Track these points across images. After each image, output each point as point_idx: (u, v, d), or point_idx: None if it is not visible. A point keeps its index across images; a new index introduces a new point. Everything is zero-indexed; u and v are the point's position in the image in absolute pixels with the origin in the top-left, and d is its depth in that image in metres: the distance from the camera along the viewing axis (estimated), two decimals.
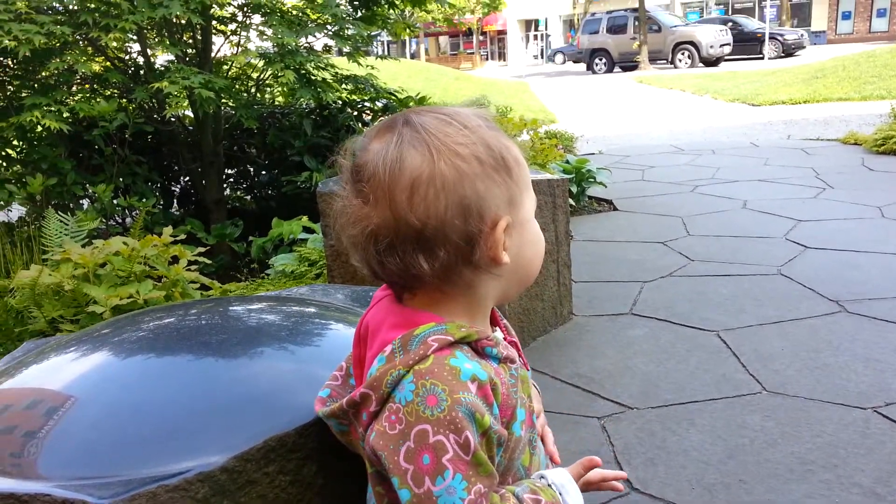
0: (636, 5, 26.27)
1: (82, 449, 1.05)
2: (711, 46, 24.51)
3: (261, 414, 1.10)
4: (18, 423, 1.13)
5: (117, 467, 0.98)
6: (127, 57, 5.15)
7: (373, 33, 6.22)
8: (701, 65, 24.45)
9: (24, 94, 4.24)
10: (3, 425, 1.15)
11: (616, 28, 27.20)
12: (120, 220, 4.80)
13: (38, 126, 4.02)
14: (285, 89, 5.36)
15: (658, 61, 25.86)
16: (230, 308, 1.58)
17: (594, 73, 27.25)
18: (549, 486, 0.92)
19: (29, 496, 0.93)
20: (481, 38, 51.72)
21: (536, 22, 48.88)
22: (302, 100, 5.11)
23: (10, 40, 3.66)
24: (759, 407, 2.40)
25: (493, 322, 0.99)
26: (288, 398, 1.13)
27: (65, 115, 3.97)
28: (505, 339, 0.98)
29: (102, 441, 1.06)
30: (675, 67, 24.87)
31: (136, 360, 1.31)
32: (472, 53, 49.03)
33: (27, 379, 1.28)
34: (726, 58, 24.65)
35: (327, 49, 5.54)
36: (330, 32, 5.09)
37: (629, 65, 26.40)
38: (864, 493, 1.93)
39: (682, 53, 25.18)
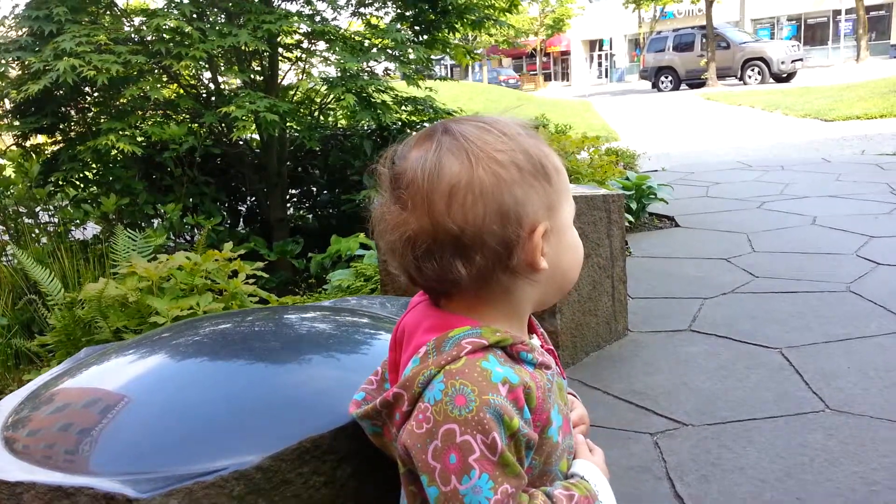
0: (703, 23, 25.82)
1: (128, 446, 1.10)
2: (783, 62, 23.84)
3: (298, 416, 1.12)
4: (74, 421, 1.19)
5: (159, 464, 1.02)
6: (198, 83, 5.37)
7: (434, 57, 6.32)
8: (772, 81, 23.81)
9: (101, 120, 4.48)
10: (62, 422, 1.21)
11: (683, 46, 26.78)
12: (189, 238, 4.99)
13: (113, 149, 4.24)
14: (347, 112, 5.50)
15: (727, 78, 25.31)
16: (283, 316, 1.63)
17: (660, 90, 26.86)
18: (582, 478, 0.92)
19: (74, 489, 0.98)
20: (544, 59, 51.75)
21: (601, 42, 48.63)
22: (362, 122, 5.22)
23: (90, 70, 3.88)
24: (821, 425, 2.31)
25: (531, 330, 1.00)
26: (326, 402, 1.16)
27: (138, 139, 4.18)
28: (542, 346, 0.98)
29: (148, 439, 1.10)
30: (745, 84, 24.29)
31: (188, 364, 1.36)
32: (535, 75, 49.07)
33: (87, 379, 1.35)
34: None
35: (388, 73, 5.66)
36: (391, 56, 5.20)
37: (696, 82, 25.93)
38: None
39: (752, 69, 24.58)
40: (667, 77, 27.10)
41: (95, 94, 4.79)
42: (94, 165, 4.65)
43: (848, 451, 2.14)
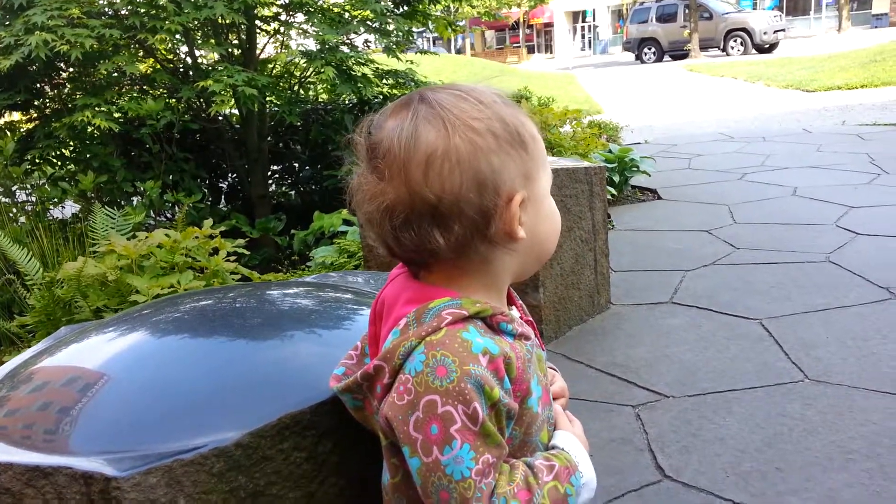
0: None
1: (107, 425, 1.09)
2: (765, 33, 23.83)
3: (278, 393, 1.12)
4: (53, 400, 1.18)
5: (138, 442, 1.02)
6: (174, 58, 5.28)
7: (415, 29, 6.24)
8: (754, 51, 23.82)
9: (76, 96, 4.40)
10: (41, 402, 1.20)
11: (665, 16, 26.68)
12: (170, 216, 4.94)
13: (90, 126, 4.16)
14: (327, 86, 5.43)
15: (709, 49, 25.28)
16: (265, 292, 1.61)
17: (643, 62, 26.78)
18: (563, 449, 0.93)
19: (52, 468, 0.97)
20: (527, 31, 51.37)
21: (584, 13, 48.29)
22: (343, 96, 5.16)
23: (62, 44, 3.79)
24: (800, 395, 2.34)
25: (510, 301, 1.00)
26: (307, 378, 1.15)
27: (115, 115, 4.11)
28: (521, 317, 0.98)
29: (127, 417, 1.10)
30: (728, 55, 24.27)
31: (168, 341, 1.35)
32: (519, 47, 48.72)
33: (66, 357, 1.33)
34: None
35: (367, 45, 5.59)
36: (371, 28, 5.13)
37: (679, 53, 25.87)
38: None
39: (735, 40, 24.55)
40: (650, 49, 27.02)
41: (70, 70, 4.70)
42: (70, 143, 4.57)
43: (826, 420, 2.18)
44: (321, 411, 1.07)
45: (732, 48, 24.53)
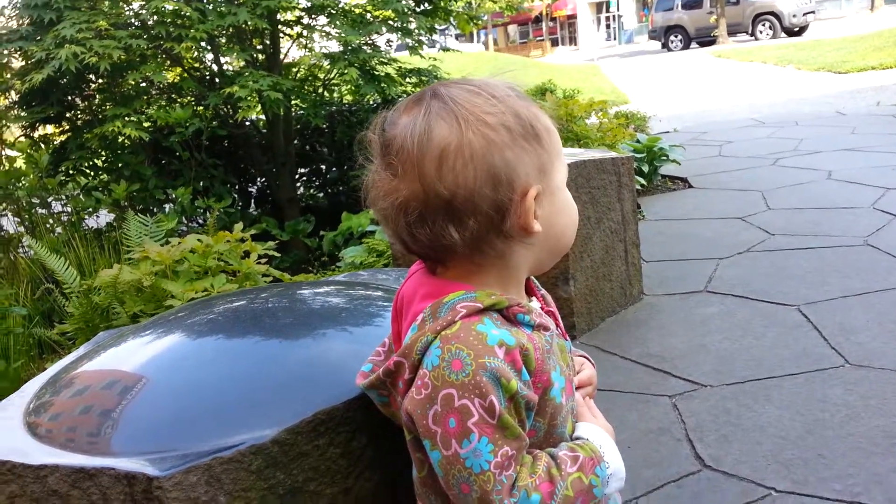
0: None
1: (147, 426, 1.11)
2: (794, 16, 23.37)
3: (311, 389, 1.13)
4: (94, 403, 1.21)
5: (178, 442, 1.03)
6: (201, 65, 5.35)
7: (438, 27, 6.25)
8: (783, 35, 23.39)
9: (107, 107, 4.48)
10: (82, 405, 1.22)
11: (691, 3, 26.29)
12: (201, 222, 5.01)
13: (120, 136, 4.25)
14: (352, 87, 5.47)
15: (737, 34, 24.87)
16: (297, 292, 1.63)
17: (669, 50, 26.45)
18: (587, 440, 0.92)
19: (96, 470, 0.99)
20: (551, 23, 51.06)
21: (607, 3, 47.83)
22: (367, 96, 5.19)
23: (91, 56, 3.87)
24: (841, 380, 2.29)
25: (531, 292, 0.99)
26: (339, 374, 1.16)
27: (144, 124, 4.18)
28: (542, 308, 0.98)
29: (166, 418, 1.11)
30: (756, 39, 23.86)
31: (203, 342, 1.37)
32: (542, 40, 48.46)
33: (105, 361, 1.36)
34: None
35: (389, 44, 5.61)
36: (393, 27, 5.15)
37: (706, 40, 25.49)
38: None
39: (763, 24, 24.12)
40: (676, 36, 26.66)
41: (99, 81, 4.79)
42: (102, 153, 4.67)
43: (869, 405, 2.13)
44: (354, 406, 1.08)
45: (761, 33, 24.09)
